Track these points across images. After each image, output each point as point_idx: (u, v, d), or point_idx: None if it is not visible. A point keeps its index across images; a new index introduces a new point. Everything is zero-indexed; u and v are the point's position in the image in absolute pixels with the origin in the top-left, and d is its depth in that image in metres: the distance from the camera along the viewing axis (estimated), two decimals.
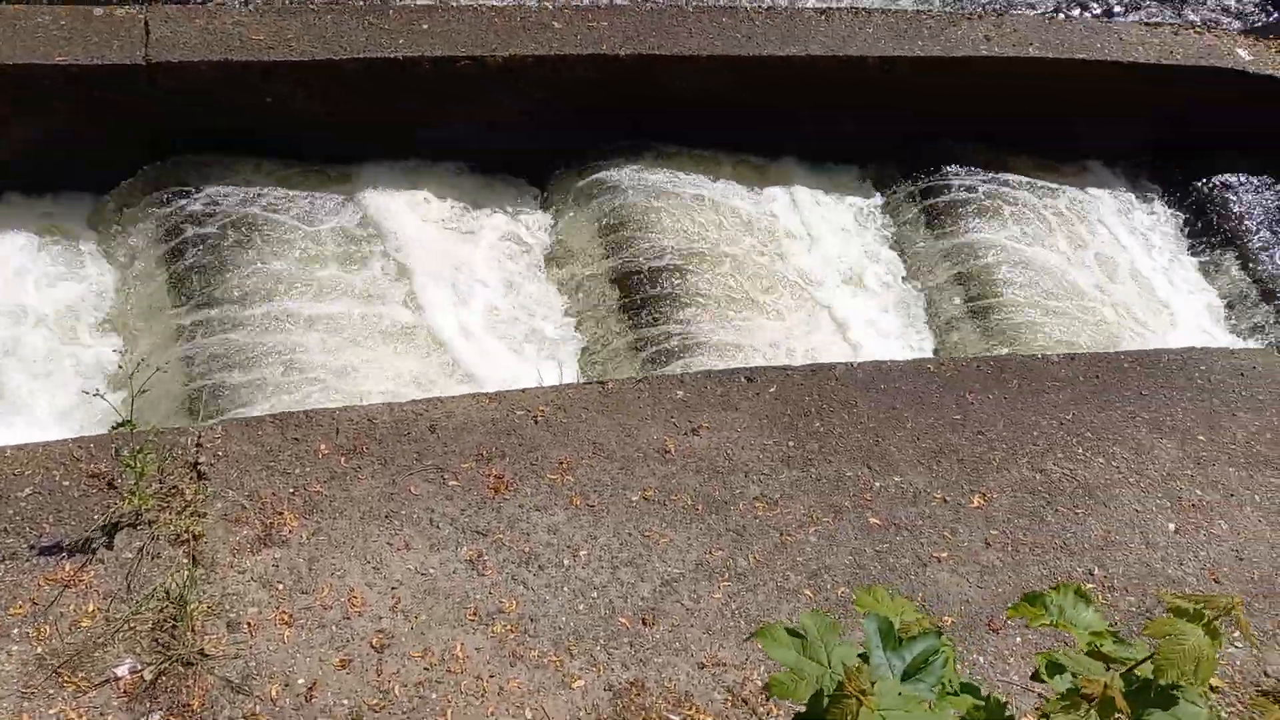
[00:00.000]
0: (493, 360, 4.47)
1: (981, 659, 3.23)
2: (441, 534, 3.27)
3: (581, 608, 3.16)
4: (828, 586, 3.36)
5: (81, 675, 2.76)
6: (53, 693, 2.72)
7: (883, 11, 5.54)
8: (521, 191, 5.31)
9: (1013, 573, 3.49)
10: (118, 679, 2.76)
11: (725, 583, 3.31)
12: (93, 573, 2.98)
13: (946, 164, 5.80)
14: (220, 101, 4.54)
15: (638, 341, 4.64)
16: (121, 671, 2.77)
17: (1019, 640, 3.29)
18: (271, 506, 3.23)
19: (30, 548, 3.04)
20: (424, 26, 4.77)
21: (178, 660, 2.80)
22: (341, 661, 2.89)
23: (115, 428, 3.44)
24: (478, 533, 3.29)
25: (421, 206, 5.16)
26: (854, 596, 1.61)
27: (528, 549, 3.27)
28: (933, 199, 5.68)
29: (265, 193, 4.58)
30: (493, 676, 2.92)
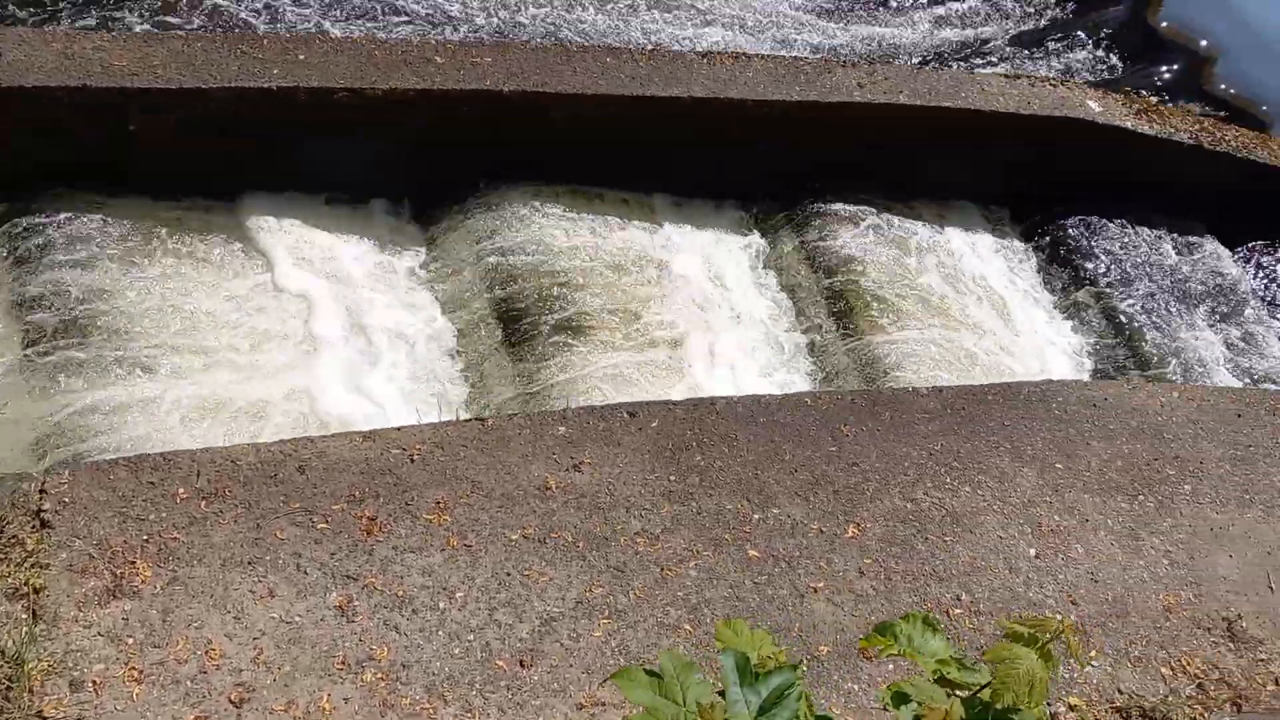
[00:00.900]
0: (369, 398, 4.36)
1: (855, 687, 3.29)
2: (309, 580, 3.14)
3: (457, 651, 3.09)
4: (707, 620, 3.37)
5: None
6: None
7: (762, 57, 5.74)
8: (404, 226, 5.23)
9: (885, 600, 3.58)
10: None
11: (605, 620, 3.29)
12: None
13: (824, 204, 6.01)
14: (79, 131, 4.33)
15: (521, 378, 4.61)
16: None
17: (891, 668, 3.36)
18: (123, 555, 3.04)
19: None
20: (300, 57, 4.68)
21: None
22: (196, 719, 2.73)
23: None
24: (348, 577, 3.17)
25: (299, 241, 5.02)
26: (715, 631, 1.62)
27: (401, 592, 3.18)
28: (811, 238, 5.87)
29: (126, 224, 4.37)
30: None
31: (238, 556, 3.14)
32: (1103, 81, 8.36)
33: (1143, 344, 6.21)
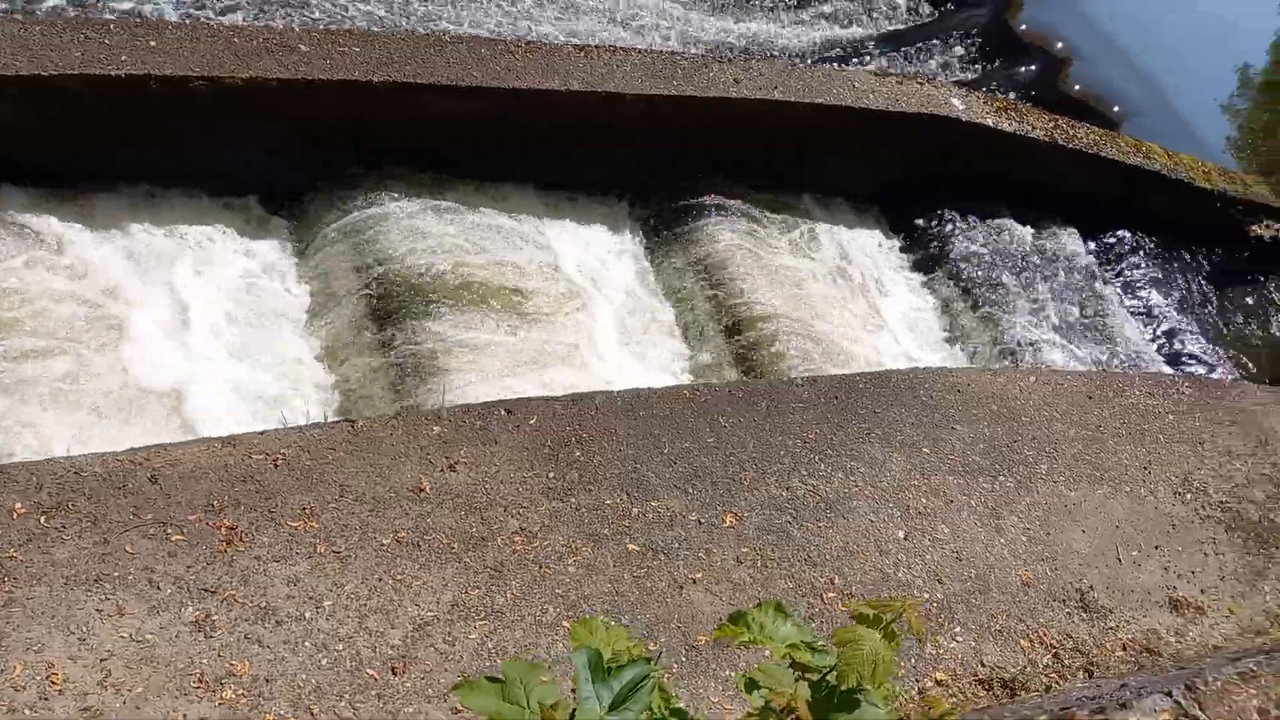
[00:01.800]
0: (233, 403, 4.17)
1: (733, 674, 3.33)
2: (162, 595, 2.98)
3: (325, 662, 2.98)
4: (586, 617, 3.35)
5: None
6: None
7: (639, 52, 5.74)
8: (268, 220, 5.02)
9: (762, 588, 3.64)
10: None
11: (482, 622, 3.23)
12: None
13: (701, 197, 6.07)
14: None
15: (395, 377, 4.48)
16: None
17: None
18: None
19: None
20: (152, 43, 4.42)
21: None
22: None
23: None
24: (206, 591, 3.02)
25: (155, 238, 4.75)
26: (570, 629, 1.60)
27: (264, 604, 3.04)
28: (688, 231, 5.92)
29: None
30: None
31: (83, 574, 2.95)
32: (966, 81, 8.73)
33: (1004, 331, 6.52)
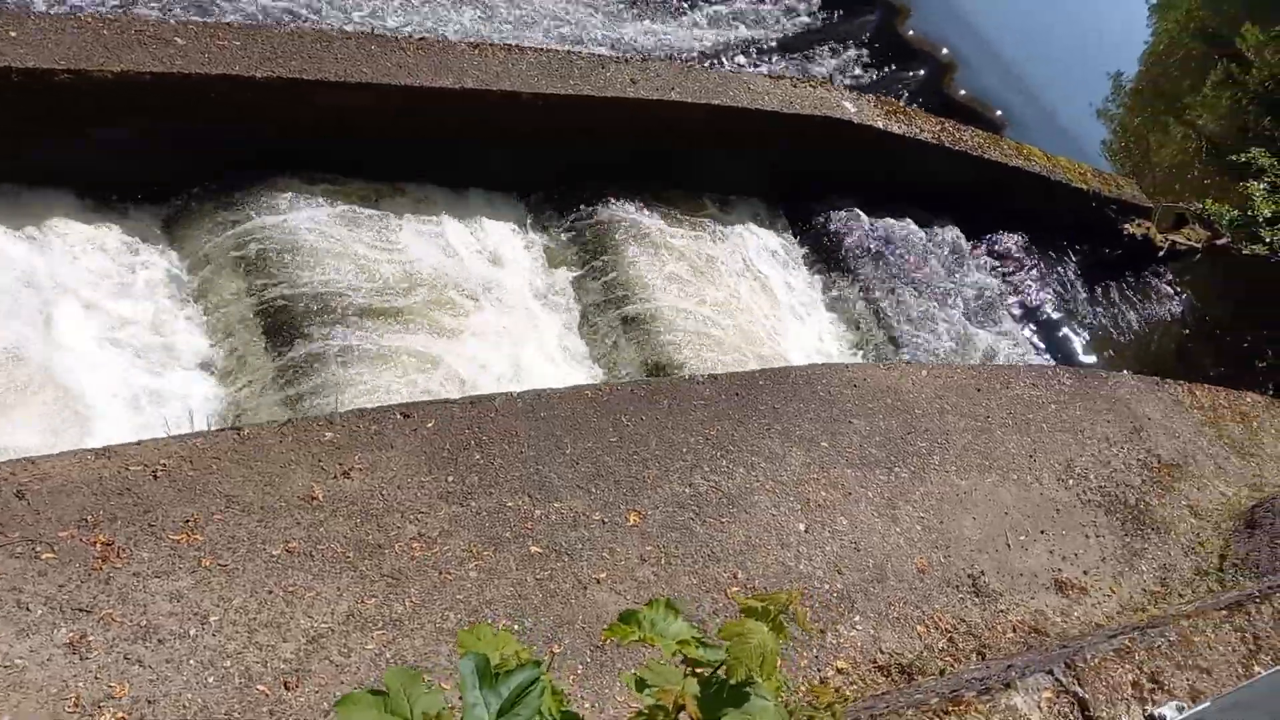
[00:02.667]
0: (108, 413, 3.95)
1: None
2: (32, 617, 2.79)
3: (211, 680, 2.84)
4: (488, 622, 3.29)
5: None
6: None
7: (535, 50, 5.70)
8: (146, 223, 4.77)
9: (666, 585, 3.64)
10: None
11: (379, 631, 3.14)
12: None
13: (600, 196, 6.07)
14: None
15: (285, 383, 4.32)
16: None
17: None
18: None
19: None
20: (12, 34, 4.15)
21: None
22: None
23: None
24: (80, 610, 2.85)
25: (22, 240, 4.47)
26: (456, 639, 1.56)
27: (144, 623, 2.89)
28: (589, 228, 5.91)
29: None
30: None
31: None
32: (857, 85, 8.97)
33: (895, 327, 6.72)
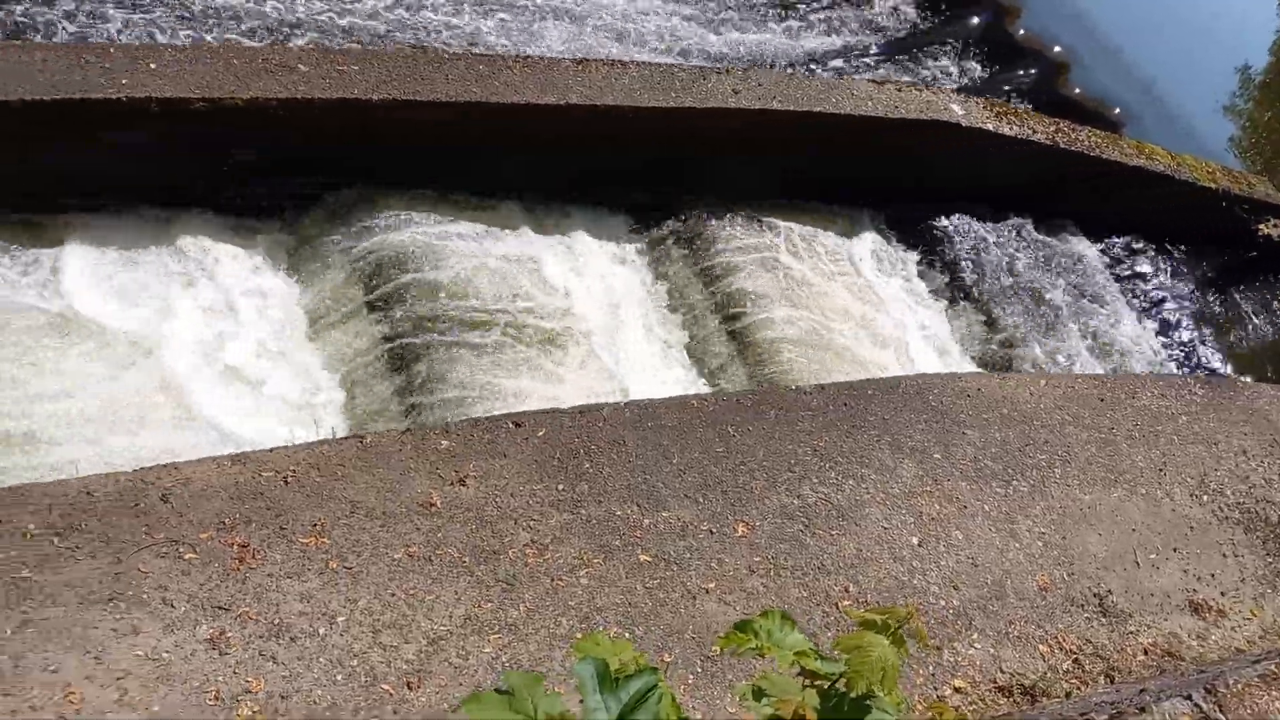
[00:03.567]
0: (242, 421, 4.16)
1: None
2: (177, 614, 2.97)
3: (339, 678, 2.96)
4: (600, 629, 3.33)
5: None
6: None
7: (637, 64, 5.77)
8: (271, 240, 5.02)
9: (775, 596, 3.61)
10: None
11: (495, 635, 3.21)
12: None
13: (708, 209, 6.08)
14: None
15: (403, 392, 4.48)
16: None
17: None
18: None
19: None
20: (151, 66, 4.45)
21: None
22: None
23: None
24: (219, 608, 3.01)
25: (154, 258, 4.74)
26: (573, 644, 1.58)
27: (278, 621, 3.03)
28: (700, 246, 5.94)
29: None
30: None
31: (97, 594, 2.94)
32: (965, 87, 8.75)
33: (1012, 335, 6.50)
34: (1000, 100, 7.46)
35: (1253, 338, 7.93)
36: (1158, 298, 7.66)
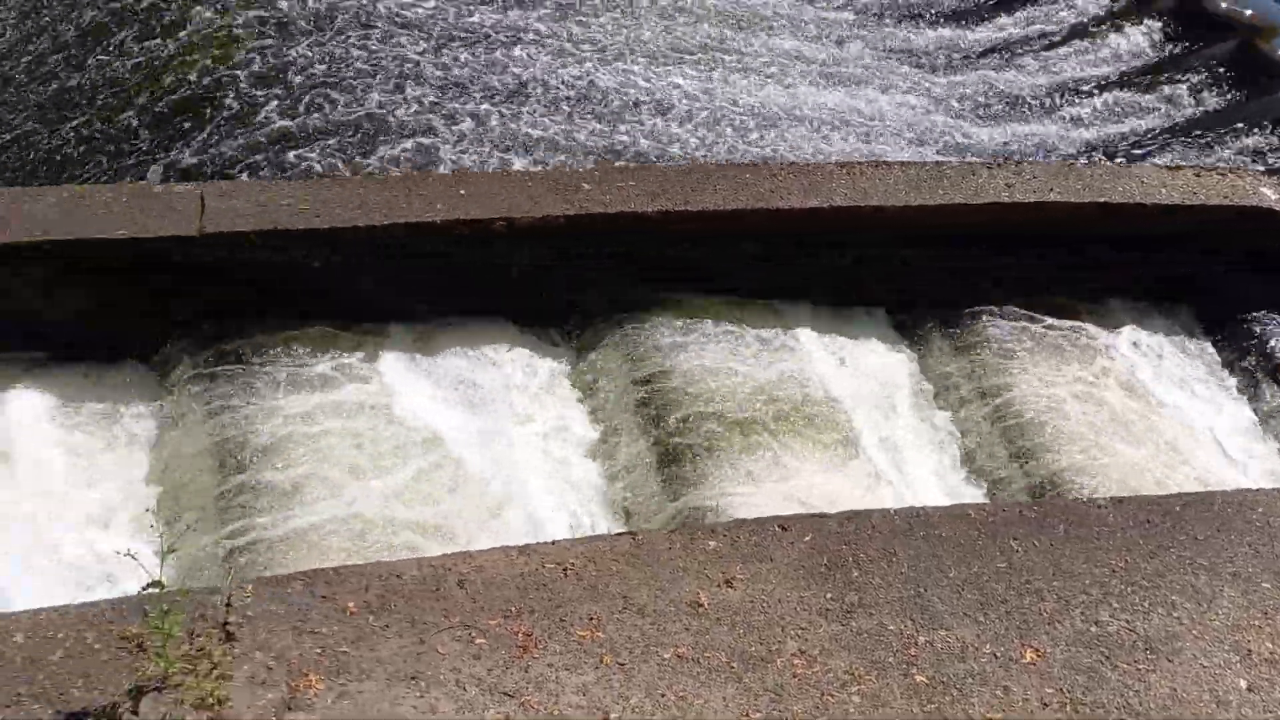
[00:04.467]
0: (521, 511, 4.45)
1: None
2: (468, 696, 3.16)
3: None
4: None
5: None
6: None
7: (902, 164, 5.75)
8: (559, 337, 5.42)
9: None
10: None
11: None
12: None
13: (979, 309, 5.85)
14: (264, 266, 4.78)
15: (671, 492, 4.59)
16: None
17: None
18: (298, 668, 3.16)
19: (56, 713, 3.00)
20: (462, 192, 5.03)
21: None
22: None
23: (145, 588, 3.44)
24: (505, 694, 3.18)
25: (476, 361, 5.21)
26: None
27: (556, 711, 3.14)
28: (965, 345, 5.70)
29: (294, 351, 4.74)
30: None
31: (402, 671, 3.20)
32: (1274, 169, 7.88)
33: None
34: None
35: None
36: None
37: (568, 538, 3.82)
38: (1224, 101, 8.96)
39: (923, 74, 9.22)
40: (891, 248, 5.73)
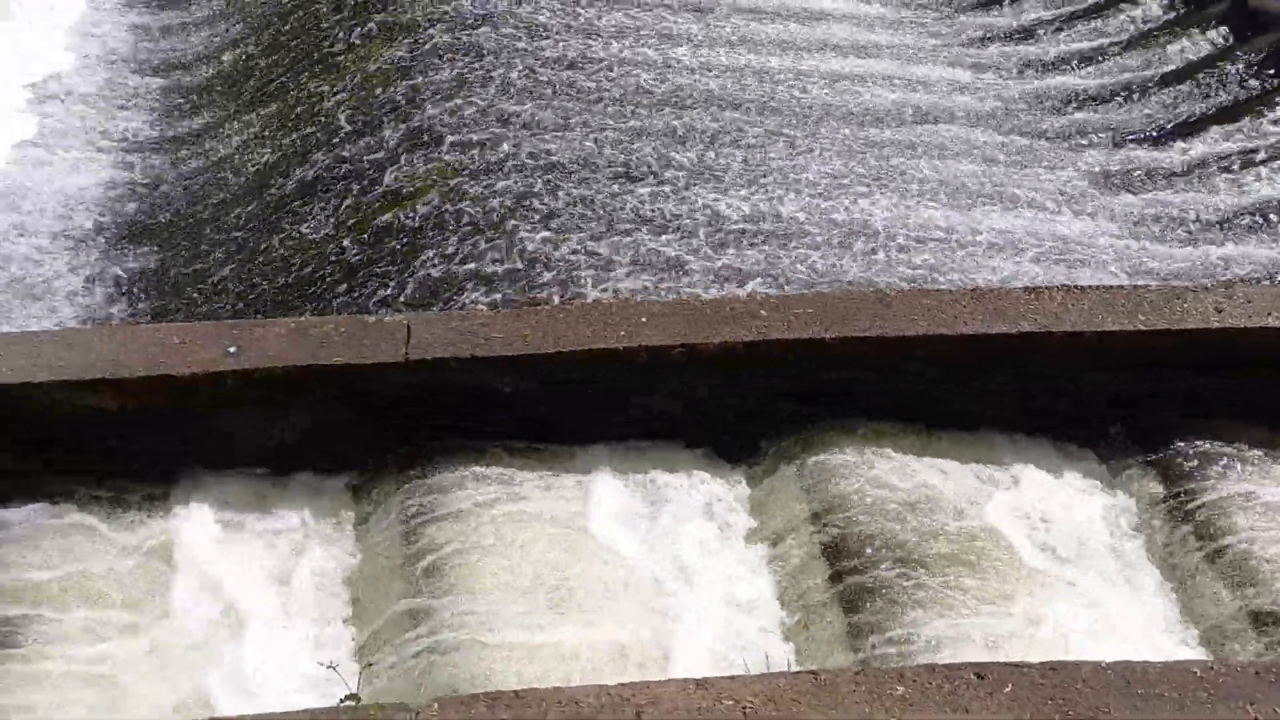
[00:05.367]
0: (694, 640, 4.39)
1: None
2: None
3: None
4: None
5: None
6: None
7: (1096, 288, 5.50)
8: (721, 463, 5.41)
9: None
10: None
11: None
12: None
13: (1187, 442, 5.42)
14: (463, 392, 5.10)
15: (853, 630, 4.41)
16: None
17: None
18: None
19: None
20: (642, 320, 5.22)
21: None
22: None
23: (343, 700, 3.61)
24: None
25: (640, 479, 5.29)
26: None
27: None
28: (1179, 484, 5.26)
29: (504, 475, 4.96)
30: None
31: None
32: None
33: None
34: None
35: None
36: None
37: (745, 674, 3.72)
38: None
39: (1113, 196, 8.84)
40: (1080, 376, 5.46)
